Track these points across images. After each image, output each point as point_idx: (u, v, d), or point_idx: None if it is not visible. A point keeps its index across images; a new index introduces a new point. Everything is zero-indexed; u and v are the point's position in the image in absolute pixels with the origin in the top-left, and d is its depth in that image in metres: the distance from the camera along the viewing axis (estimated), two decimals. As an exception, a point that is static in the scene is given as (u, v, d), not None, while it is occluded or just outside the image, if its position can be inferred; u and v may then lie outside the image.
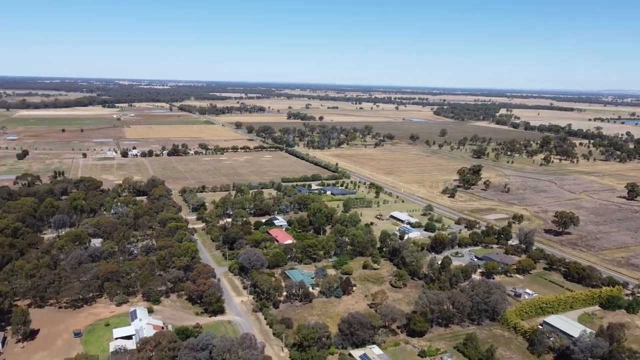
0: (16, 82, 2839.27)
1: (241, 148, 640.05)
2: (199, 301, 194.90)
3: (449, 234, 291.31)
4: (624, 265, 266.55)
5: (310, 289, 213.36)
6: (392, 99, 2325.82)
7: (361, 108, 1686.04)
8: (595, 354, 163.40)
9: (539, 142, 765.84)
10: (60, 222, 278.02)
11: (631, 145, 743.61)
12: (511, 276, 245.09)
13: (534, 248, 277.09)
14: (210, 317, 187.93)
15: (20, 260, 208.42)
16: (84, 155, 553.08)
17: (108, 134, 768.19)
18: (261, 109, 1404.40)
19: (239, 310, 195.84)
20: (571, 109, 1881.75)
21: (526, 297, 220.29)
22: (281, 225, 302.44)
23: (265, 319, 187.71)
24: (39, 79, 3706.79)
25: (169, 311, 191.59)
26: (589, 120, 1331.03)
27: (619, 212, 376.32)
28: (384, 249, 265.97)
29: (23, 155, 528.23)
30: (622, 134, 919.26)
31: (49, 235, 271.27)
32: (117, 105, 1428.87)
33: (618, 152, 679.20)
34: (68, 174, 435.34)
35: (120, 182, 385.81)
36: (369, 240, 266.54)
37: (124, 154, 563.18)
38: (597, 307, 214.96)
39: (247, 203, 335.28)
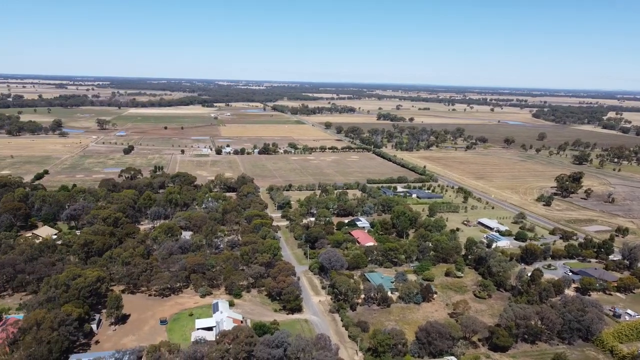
0: (128, 82, 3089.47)
1: (329, 148, 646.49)
2: (278, 298, 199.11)
3: (541, 245, 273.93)
4: None
5: (389, 293, 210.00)
6: (488, 100, 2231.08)
7: (454, 109, 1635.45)
8: None
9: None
10: (156, 214, 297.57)
11: None
12: (610, 294, 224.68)
13: (639, 265, 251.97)
14: (287, 314, 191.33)
15: (118, 248, 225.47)
16: (182, 151, 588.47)
17: (205, 131, 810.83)
18: (351, 110, 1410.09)
19: (316, 310, 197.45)
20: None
21: (627, 318, 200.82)
22: (363, 227, 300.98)
23: (342, 320, 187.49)
24: (148, 79, 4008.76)
25: (248, 305, 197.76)
26: None
27: None
28: (469, 257, 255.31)
29: (129, 150, 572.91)
30: None
31: (145, 225, 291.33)
32: (215, 104, 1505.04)
33: None
34: (166, 169, 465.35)
35: (213, 178, 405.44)
36: (453, 246, 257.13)
37: (218, 151, 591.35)
38: None
39: (331, 203, 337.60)
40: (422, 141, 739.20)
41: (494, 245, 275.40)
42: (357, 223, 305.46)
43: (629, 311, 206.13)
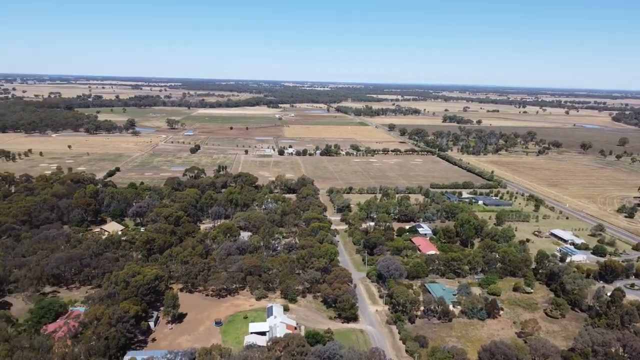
0: (198, 83, 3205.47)
1: (392, 150, 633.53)
2: (333, 305, 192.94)
3: (622, 261, 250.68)
4: None
5: (451, 306, 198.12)
6: (562, 102, 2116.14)
7: (525, 112, 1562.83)
8: None
9: None
10: (217, 213, 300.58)
11: None
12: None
13: None
14: (342, 323, 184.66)
15: (178, 247, 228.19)
16: (246, 151, 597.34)
17: (269, 132, 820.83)
18: (416, 111, 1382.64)
19: (373, 320, 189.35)
20: None
21: None
22: (425, 234, 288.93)
23: (399, 333, 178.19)
24: (217, 81, 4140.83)
25: (303, 311, 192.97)
26: None
27: None
28: (540, 271, 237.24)
29: (195, 149, 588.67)
30: None
31: (206, 225, 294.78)
32: (280, 105, 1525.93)
33: None
34: (230, 169, 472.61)
35: (274, 179, 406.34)
36: (522, 259, 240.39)
37: (281, 152, 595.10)
38: None
39: (392, 208, 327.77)
40: (490, 145, 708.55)
41: (568, 260, 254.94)
42: (419, 230, 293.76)
43: None
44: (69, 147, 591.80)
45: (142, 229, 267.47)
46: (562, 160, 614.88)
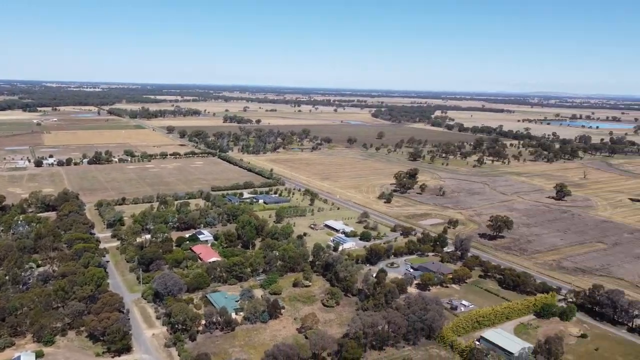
0: None
1: (171, 154, 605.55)
2: (102, 338, 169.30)
3: (384, 243, 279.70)
4: (556, 269, 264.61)
5: (234, 314, 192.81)
6: (332, 101, 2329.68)
7: (300, 111, 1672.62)
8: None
9: (472, 143, 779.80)
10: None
11: (557, 146, 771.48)
12: (447, 287, 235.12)
13: (469, 255, 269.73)
14: (113, 357, 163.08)
15: None
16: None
17: (24, 141, 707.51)
18: (196, 112, 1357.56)
19: (149, 347, 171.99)
20: (501, 111, 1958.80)
21: (462, 309, 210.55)
22: (206, 241, 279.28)
23: (179, 355, 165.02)
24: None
25: (63, 353, 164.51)
26: (518, 121, 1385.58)
27: (548, 212, 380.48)
28: (317, 263, 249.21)
29: None
30: (548, 135, 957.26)
31: None
32: (40, 109, 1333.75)
33: (546, 153, 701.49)
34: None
35: (27, 195, 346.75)
36: (300, 253, 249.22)
37: (38, 163, 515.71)
38: (532, 316, 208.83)
39: (171, 216, 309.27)
40: (269, 143, 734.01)
41: (340, 248, 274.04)
42: (200, 237, 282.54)
43: (463, 302, 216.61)
44: None
45: None
46: (332, 155, 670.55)
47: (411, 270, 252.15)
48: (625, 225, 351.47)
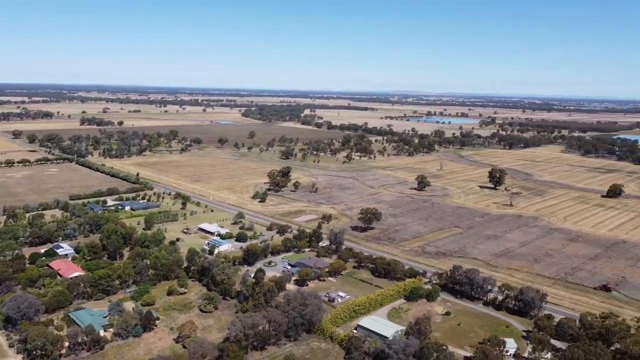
0: None
1: (18, 161, 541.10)
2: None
3: (261, 243, 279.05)
4: (421, 254, 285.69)
5: (103, 331, 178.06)
6: (199, 101, 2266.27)
7: (166, 111, 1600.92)
8: (408, 353, 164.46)
9: (340, 140, 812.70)
10: None
11: (416, 140, 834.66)
12: (324, 280, 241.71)
13: (343, 248, 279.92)
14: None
15: None
16: None
17: None
18: (48, 115, 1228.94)
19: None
20: (366, 109, 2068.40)
21: (339, 300, 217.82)
22: (66, 255, 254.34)
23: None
24: None
25: None
26: (381, 118, 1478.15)
27: (412, 202, 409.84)
28: (192, 269, 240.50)
29: None
30: (408, 130, 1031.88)
31: None
32: None
33: (407, 147, 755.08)
34: None
35: None
36: (174, 260, 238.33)
37: None
38: (403, 300, 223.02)
39: (22, 231, 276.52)
40: (134, 146, 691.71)
41: (216, 251, 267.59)
42: (58, 251, 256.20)
43: (340, 293, 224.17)
44: None
45: None
46: (203, 156, 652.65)
47: (289, 267, 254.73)
48: (477, 210, 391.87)
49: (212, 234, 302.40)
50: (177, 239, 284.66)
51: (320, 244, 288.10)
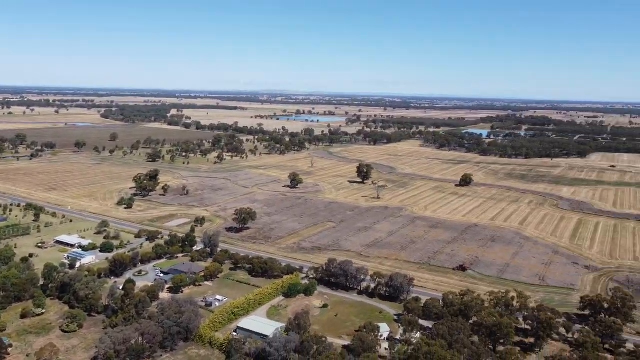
0: None
1: None
2: None
3: (129, 251, 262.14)
4: (297, 251, 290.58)
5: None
6: (51, 101, 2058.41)
7: (10, 113, 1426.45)
8: (289, 349, 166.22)
9: (210, 141, 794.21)
10: None
11: (287, 139, 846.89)
12: (200, 285, 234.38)
13: (219, 250, 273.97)
14: None
15: None
16: None
17: None
18: None
19: None
20: (235, 108, 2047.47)
21: (217, 304, 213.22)
22: None
23: None
24: None
25: None
26: (252, 117, 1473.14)
27: (286, 200, 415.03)
28: (50, 286, 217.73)
29: None
30: (279, 129, 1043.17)
31: None
32: None
33: (278, 146, 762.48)
34: None
35: None
36: (27, 278, 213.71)
37: None
38: (281, 298, 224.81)
39: None
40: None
41: (78, 265, 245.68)
42: None
43: (217, 297, 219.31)
44: None
45: None
46: (57, 162, 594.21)
47: (161, 275, 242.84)
48: (348, 204, 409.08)
49: (72, 246, 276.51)
50: (31, 255, 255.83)
51: (195, 248, 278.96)
